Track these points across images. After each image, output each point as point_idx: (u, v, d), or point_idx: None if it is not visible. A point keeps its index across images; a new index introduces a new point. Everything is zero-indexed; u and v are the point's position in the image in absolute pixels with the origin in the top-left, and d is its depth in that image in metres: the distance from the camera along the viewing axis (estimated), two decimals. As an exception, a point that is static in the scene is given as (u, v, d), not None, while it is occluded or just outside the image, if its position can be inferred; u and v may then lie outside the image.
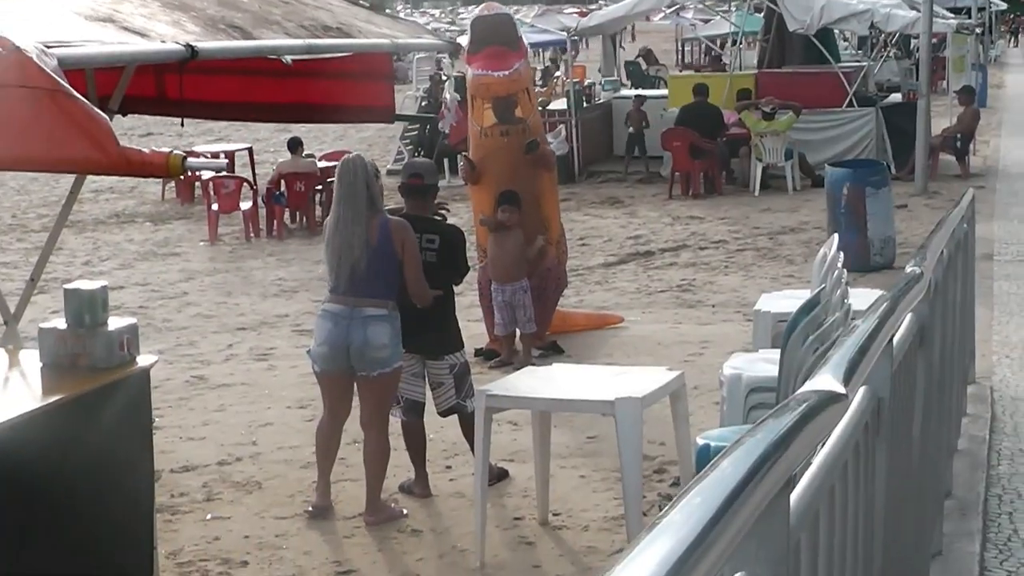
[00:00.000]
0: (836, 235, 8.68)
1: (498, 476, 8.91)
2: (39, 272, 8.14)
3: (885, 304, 4.16)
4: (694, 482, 2.04)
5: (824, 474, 3.06)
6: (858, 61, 30.15)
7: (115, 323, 7.05)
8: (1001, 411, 9.80)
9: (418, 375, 8.87)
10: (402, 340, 8.46)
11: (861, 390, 3.64)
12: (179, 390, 11.71)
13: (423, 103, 29.66)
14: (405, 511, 8.56)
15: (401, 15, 29.40)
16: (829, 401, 2.82)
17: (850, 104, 24.23)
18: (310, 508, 8.56)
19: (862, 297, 8.38)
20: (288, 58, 7.48)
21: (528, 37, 38.53)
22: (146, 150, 5.25)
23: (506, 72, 12.24)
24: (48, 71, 4.71)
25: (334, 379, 8.40)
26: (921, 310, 5.38)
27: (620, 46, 35.24)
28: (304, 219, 21.11)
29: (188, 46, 5.61)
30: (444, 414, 9.04)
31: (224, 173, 20.34)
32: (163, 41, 5.69)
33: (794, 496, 2.71)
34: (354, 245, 8.13)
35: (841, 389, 2.94)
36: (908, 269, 5.36)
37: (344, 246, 8.16)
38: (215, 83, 8.32)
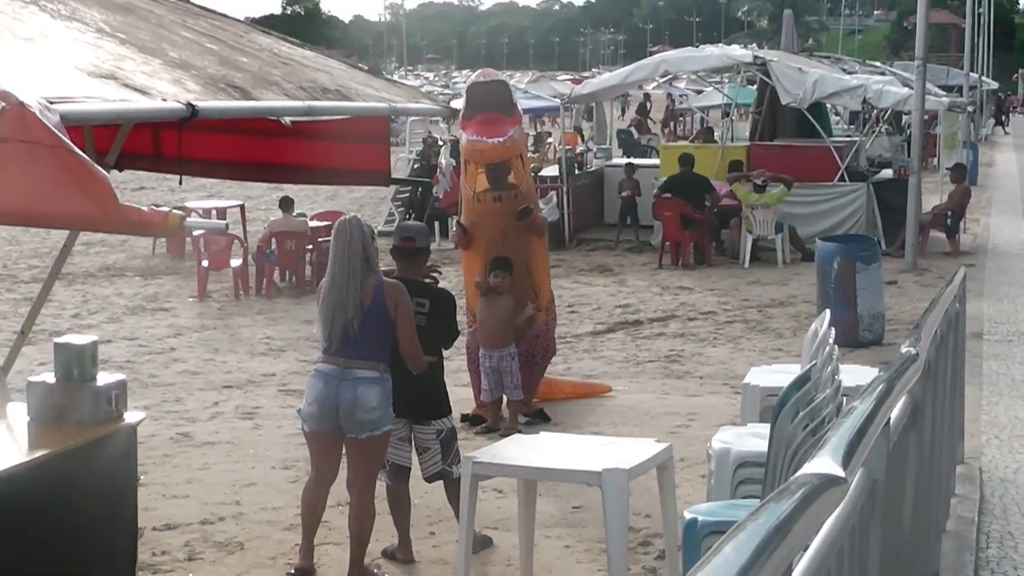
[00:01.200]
0: (828, 311, 8.67)
1: (482, 543, 8.86)
2: (30, 325, 8.13)
3: (882, 385, 4.15)
4: (698, 566, 2.03)
5: (822, 558, 3.04)
6: (850, 136, 30.32)
7: (104, 378, 7.04)
8: (990, 492, 9.78)
9: (404, 439, 8.84)
10: None
11: (859, 473, 3.62)
12: (164, 447, 11.65)
13: (415, 165, 29.70)
14: None
15: (395, 77, 29.53)
16: (828, 485, 2.80)
17: (841, 179, 24.31)
18: (292, 571, 8.48)
19: (851, 373, 8.39)
20: (287, 119, 7.50)
21: (522, 103, 38.67)
22: (145, 208, 5.25)
23: (500, 139, 12.26)
24: (50, 126, 4.71)
25: (323, 439, 8.34)
26: (915, 391, 5.38)
27: (622, 110, 35.33)
28: (294, 278, 21.10)
29: (189, 105, 5.62)
30: (430, 479, 9.00)
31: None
32: (164, 99, 5.69)
33: (792, 580, 2.69)
34: (348, 305, 8.11)
35: (841, 472, 2.92)
36: (904, 350, 5.35)
37: (338, 305, 8.13)
38: (213, 141, 8.33)
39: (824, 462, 2.99)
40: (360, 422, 8.14)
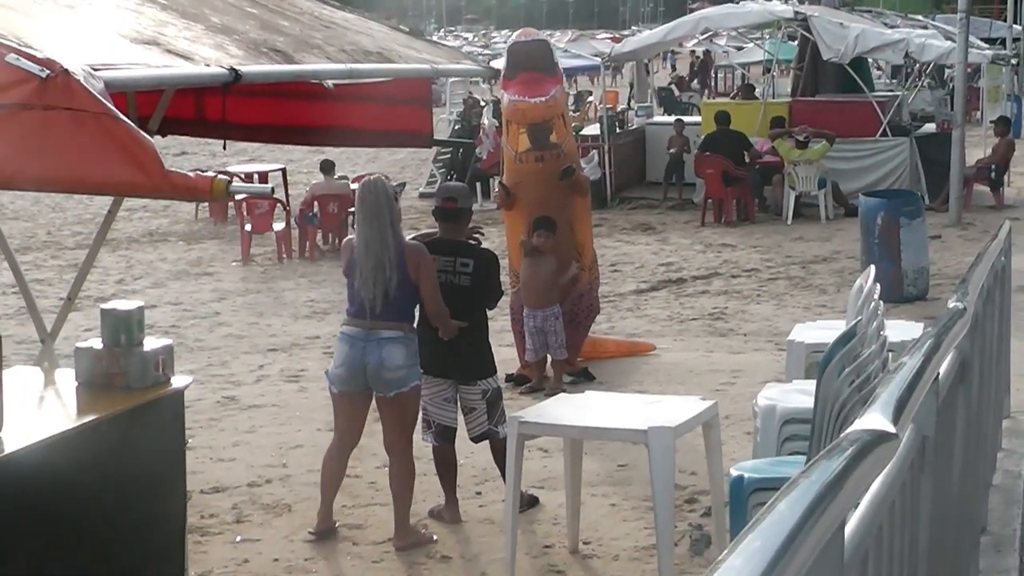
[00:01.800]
0: (873, 267, 8.63)
1: (529, 503, 8.90)
2: (76, 291, 8.18)
3: (930, 340, 4.13)
4: (751, 525, 2.03)
5: (872, 513, 3.04)
6: (892, 91, 30.11)
7: (151, 343, 7.07)
8: (1036, 446, 9.73)
9: (450, 400, 8.87)
10: (435, 365, 8.51)
11: (909, 428, 3.62)
12: (210, 410, 11.73)
13: (456, 127, 29.69)
14: (435, 536, 8.56)
15: (434, 38, 29.46)
16: (879, 440, 2.80)
17: (884, 134, 24.16)
18: (311, 533, 8.59)
19: (897, 329, 8.37)
20: (330, 82, 7.51)
21: (562, 63, 38.50)
22: (191, 174, 5.27)
23: (542, 98, 12.24)
24: (95, 93, 4.72)
25: (350, 400, 8.50)
26: (963, 346, 5.36)
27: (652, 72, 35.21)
28: (337, 240, 21.12)
29: (232, 70, 5.63)
30: (476, 440, 9.03)
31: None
32: (207, 64, 5.71)
33: (845, 536, 2.69)
34: (386, 266, 8.21)
35: (891, 428, 2.92)
36: (951, 304, 5.33)
37: (377, 268, 8.22)
38: (256, 106, 8.34)
39: (875, 418, 2.99)
40: (387, 381, 8.29)
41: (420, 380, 8.47)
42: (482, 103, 31.63)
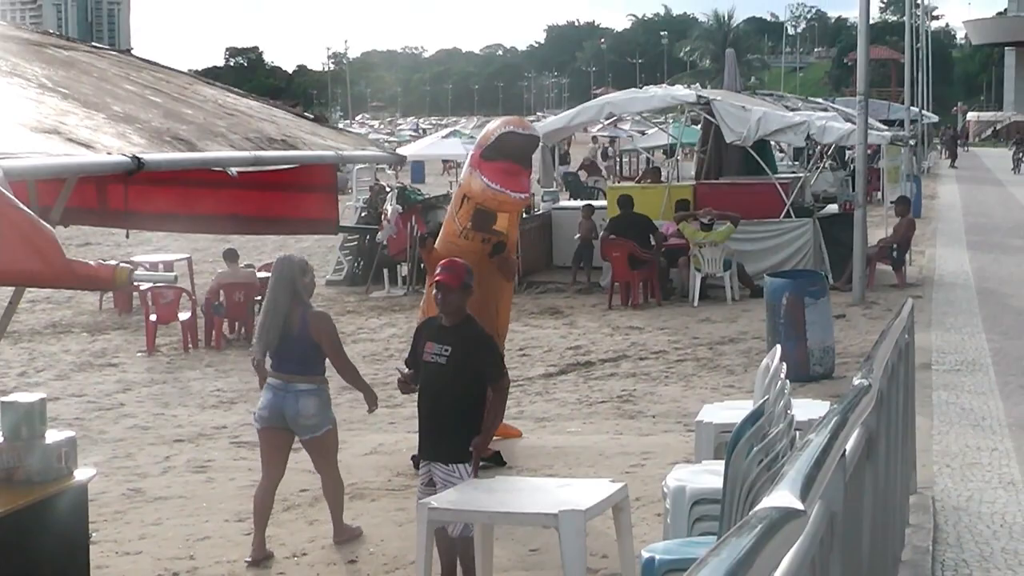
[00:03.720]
0: (778, 346, 8.70)
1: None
2: (-23, 384, 8.04)
3: (837, 417, 4.15)
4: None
5: (783, 592, 3.03)
6: (794, 172, 30.51)
7: (53, 436, 6.98)
8: (943, 521, 9.82)
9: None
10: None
11: (817, 505, 3.62)
12: (115, 503, 11.55)
13: (363, 213, 29.70)
14: (361, 528, 10.14)
15: (340, 126, 29.47)
16: (788, 518, 2.80)
17: (787, 215, 24.45)
18: (249, 560, 9.64)
19: (804, 408, 8.42)
20: (233, 170, 7.47)
21: (468, 148, 38.77)
22: (92, 262, 5.21)
23: (523, 195, 12.53)
24: (-7, 183, 4.67)
25: (272, 435, 9.90)
26: (869, 422, 5.39)
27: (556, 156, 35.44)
28: (243, 329, 20.99)
29: (135, 158, 5.58)
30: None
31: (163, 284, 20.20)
32: (109, 153, 5.66)
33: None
34: (270, 330, 9.84)
35: (800, 505, 2.92)
36: (856, 381, 5.37)
37: (264, 330, 9.94)
38: (159, 194, 8.29)
39: (783, 495, 2.99)
40: (303, 427, 9.80)
41: (333, 425, 9.92)
42: (387, 189, 31.64)
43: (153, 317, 20.51)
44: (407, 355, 9.11)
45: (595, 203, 29.04)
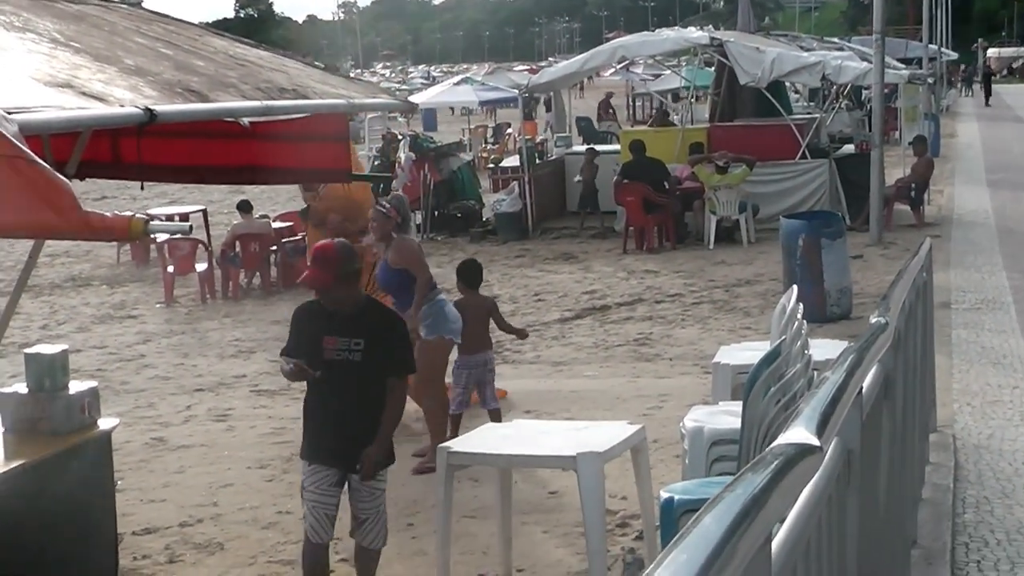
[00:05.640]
0: (795, 287, 8.70)
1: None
2: (-2, 338, 8.09)
3: (853, 355, 4.17)
4: (678, 538, 2.04)
5: (800, 527, 3.06)
6: (810, 113, 30.38)
7: (76, 387, 7.02)
8: (964, 459, 9.84)
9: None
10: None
11: (833, 442, 3.64)
12: (139, 452, 11.64)
13: (376, 162, 29.68)
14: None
15: (352, 75, 29.45)
16: (804, 454, 2.82)
17: (803, 156, 24.36)
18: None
19: (821, 348, 8.43)
20: (245, 120, 7.48)
21: (480, 95, 38.56)
22: (108, 214, 5.23)
23: None
24: (9, 137, 4.69)
25: None
26: (886, 361, 5.40)
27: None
28: (259, 280, 21.04)
29: (147, 110, 5.60)
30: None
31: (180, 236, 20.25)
32: (122, 105, 5.67)
33: (772, 550, 2.70)
34: None
35: (815, 442, 2.94)
36: (873, 320, 5.38)
37: None
38: (172, 146, 8.29)
39: (799, 432, 3.01)
40: None
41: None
42: (399, 137, 31.61)
43: (170, 269, 20.58)
44: (286, 346, 7.60)
45: (601, 147, 28.94)
